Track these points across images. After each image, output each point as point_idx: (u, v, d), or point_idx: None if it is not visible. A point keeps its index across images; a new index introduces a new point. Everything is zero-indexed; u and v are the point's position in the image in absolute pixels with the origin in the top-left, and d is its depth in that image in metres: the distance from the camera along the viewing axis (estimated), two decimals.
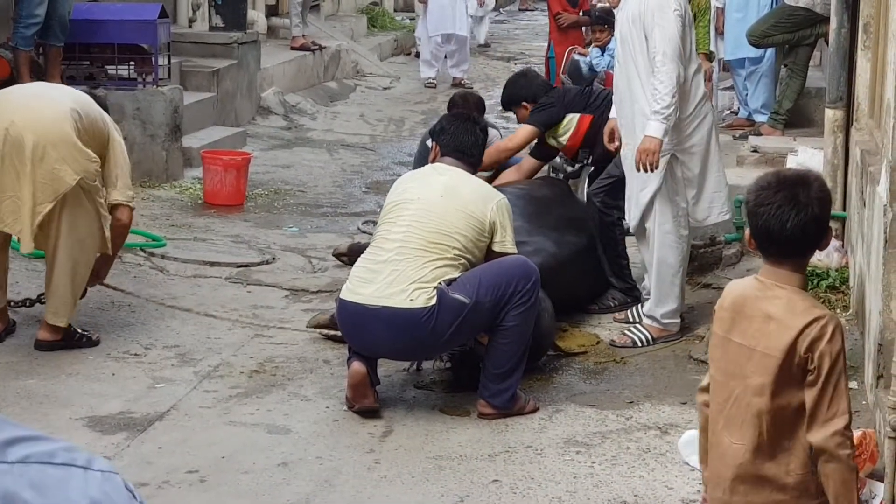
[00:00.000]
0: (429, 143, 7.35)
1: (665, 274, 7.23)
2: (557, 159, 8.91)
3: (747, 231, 3.65)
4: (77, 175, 6.59)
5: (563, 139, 8.11)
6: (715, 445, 3.71)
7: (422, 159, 7.92)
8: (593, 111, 7.97)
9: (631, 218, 7.29)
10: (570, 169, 8.78)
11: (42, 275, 7.83)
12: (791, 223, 3.49)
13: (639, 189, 7.16)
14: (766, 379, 3.53)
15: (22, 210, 6.61)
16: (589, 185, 8.21)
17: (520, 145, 8.20)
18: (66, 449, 1.54)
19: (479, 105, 8.80)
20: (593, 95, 8.21)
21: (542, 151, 8.34)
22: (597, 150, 7.96)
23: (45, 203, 6.61)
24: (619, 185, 7.61)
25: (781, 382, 3.52)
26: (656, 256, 7.22)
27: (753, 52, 11.51)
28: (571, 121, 8.04)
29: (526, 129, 8.10)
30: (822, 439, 3.48)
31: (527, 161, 8.41)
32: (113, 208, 6.86)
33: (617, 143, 7.43)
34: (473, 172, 6.54)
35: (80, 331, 7.01)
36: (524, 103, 8.16)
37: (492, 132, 8.12)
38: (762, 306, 3.58)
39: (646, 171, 6.89)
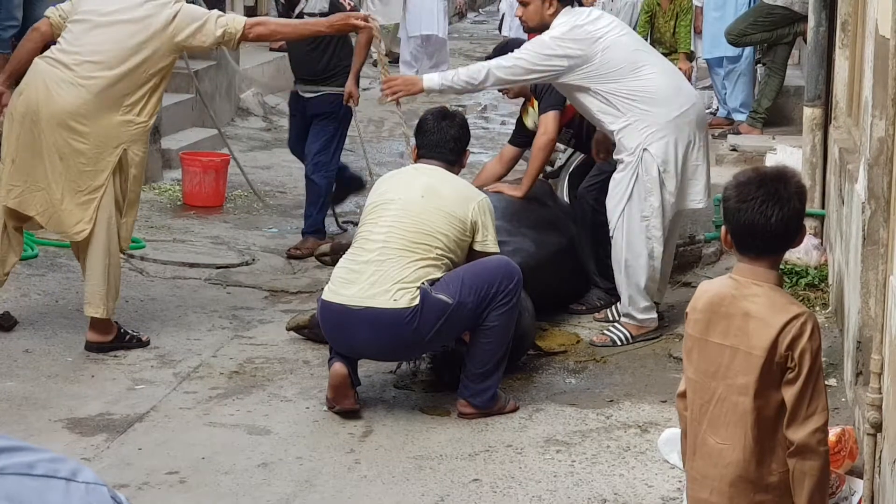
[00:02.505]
0: None
1: (630, 271, 7.23)
2: None
3: (724, 229, 3.65)
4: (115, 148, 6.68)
5: None
6: (700, 447, 3.70)
7: None
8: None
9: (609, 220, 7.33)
10: (549, 169, 8.77)
11: (21, 277, 7.82)
12: (775, 218, 3.50)
13: (610, 191, 7.22)
14: (750, 378, 3.53)
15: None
16: (571, 175, 8.21)
17: (555, 132, 7.91)
18: (49, 460, 1.52)
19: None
20: None
21: (521, 138, 8.26)
22: (581, 129, 7.91)
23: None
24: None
25: (764, 381, 3.52)
26: (622, 255, 7.22)
27: (731, 51, 11.54)
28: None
29: (551, 116, 7.77)
30: (805, 436, 3.49)
31: (507, 150, 8.36)
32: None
33: (603, 155, 7.54)
34: (455, 170, 6.51)
35: (130, 332, 6.99)
36: None
37: None
38: (741, 305, 3.58)
39: (390, 95, 7.34)
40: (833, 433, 4.85)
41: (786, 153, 8.96)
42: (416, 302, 5.95)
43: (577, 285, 7.85)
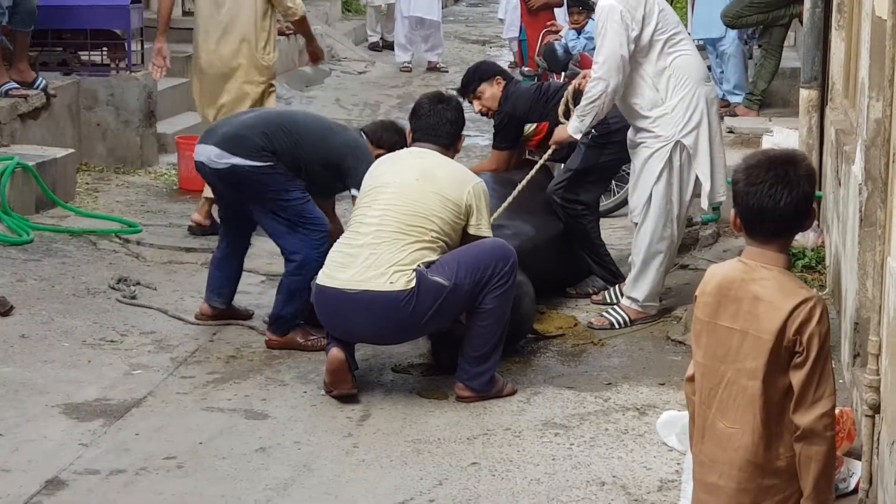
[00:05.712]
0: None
1: (650, 258, 7.21)
2: None
3: (732, 212, 3.64)
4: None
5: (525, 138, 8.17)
6: (709, 430, 3.70)
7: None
8: (549, 115, 7.88)
9: (632, 207, 7.29)
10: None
11: (17, 262, 7.82)
12: (784, 201, 3.50)
13: (635, 178, 7.18)
14: (759, 362, 3.53)
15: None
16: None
17: (504, 168, 8.16)
18: None
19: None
20: (548, 99, 8.05)
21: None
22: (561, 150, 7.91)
23: None
24: (577, 177, 7.67)
25: (773, 365, 3.52)
26: (646, 240, 7.19)
27: (717, 33, 11.50)
28: (529, 128, 8.06)
29: (502, 155, 8.17)
30: (812, 421, 3.49)
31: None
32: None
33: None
34: (450, 154, 6.50)
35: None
36: (497, 77, 8.08)
37: None
38: (750, 288, 3.58)
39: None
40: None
41: (782, 135, 8.96)
42: (413, 284, 5.94)
43: (575, 269, 7.84)
